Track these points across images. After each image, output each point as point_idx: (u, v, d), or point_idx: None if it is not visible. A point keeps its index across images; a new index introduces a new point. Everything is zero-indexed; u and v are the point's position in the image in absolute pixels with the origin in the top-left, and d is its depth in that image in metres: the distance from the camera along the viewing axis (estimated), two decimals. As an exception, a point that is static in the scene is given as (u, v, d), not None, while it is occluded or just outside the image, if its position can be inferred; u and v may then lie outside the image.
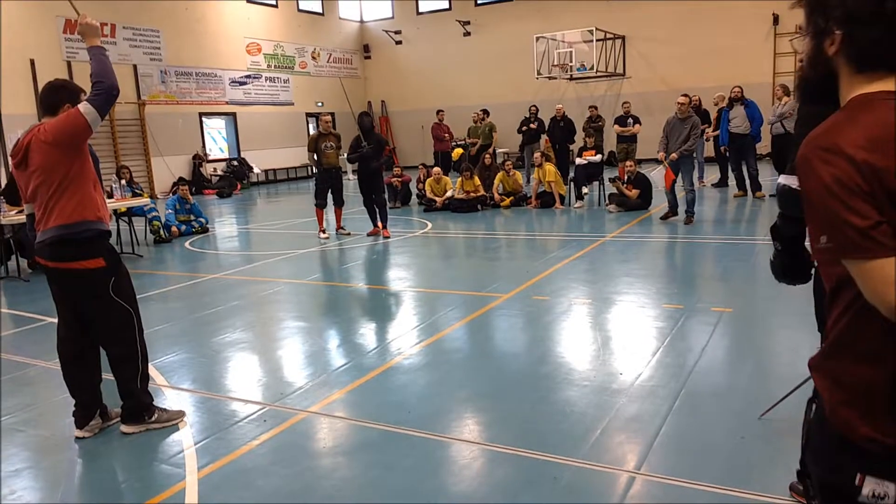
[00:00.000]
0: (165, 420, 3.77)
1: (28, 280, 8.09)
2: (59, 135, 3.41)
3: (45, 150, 3.41)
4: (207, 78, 20.01)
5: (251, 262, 8.74)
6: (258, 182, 21.45)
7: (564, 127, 14.86)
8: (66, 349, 3.74)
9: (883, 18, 1.20)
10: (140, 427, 3.73)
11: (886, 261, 1.14)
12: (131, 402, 3.74)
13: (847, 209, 1.16)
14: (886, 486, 1.24)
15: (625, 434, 3.40)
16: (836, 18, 1.26)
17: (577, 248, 8.22)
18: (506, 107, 20.58)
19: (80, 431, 3.69)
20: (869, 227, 1.15)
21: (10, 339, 5.80)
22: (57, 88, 3.62)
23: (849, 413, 1.27)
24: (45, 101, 3.59)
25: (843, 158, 1.17)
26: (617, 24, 20.55)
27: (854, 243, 1.16)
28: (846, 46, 1.25)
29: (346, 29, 25.39)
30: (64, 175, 3.43)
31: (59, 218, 3.44)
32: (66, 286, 3.61)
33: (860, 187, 1.15)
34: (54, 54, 16.13)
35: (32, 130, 3.48)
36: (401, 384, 4.29)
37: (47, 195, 3.45)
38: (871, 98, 1.24)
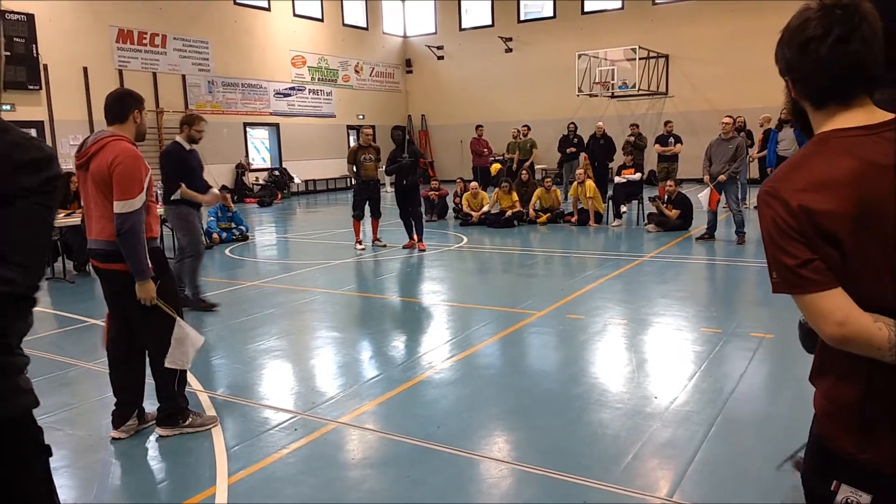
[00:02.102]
0: (199, 425, 3.84)
1: (73, 282, 8.30)
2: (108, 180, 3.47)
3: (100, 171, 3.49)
4: (253, 89, 20.43)
5: (288, 271, 8.84)
6: (298, 192, 21.76)
7: (604, 145, 14.76)
8: (116, 349, 3.84)
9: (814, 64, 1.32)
10: (174, 430, 3.80)
11: (817, 295, 1.27)
12: (167, 405, 3.81)
13: (780, 249, 1.31)
14: (860, 496, 1.34)
15: (658, 459, 3.33)
16: (781, 69, 1.42)
17: (614, 268, 8.12)
18: (545, 123, 20.56)
19: (115, 431, 3.78)
20: (797, 266, 1.28)
21: (53, 338, 5.95)
22: (123, 97, 3.71)
23: (830, 425, 1.39)
24: (114, 110, 3.68)
25: (779, 202, 1.30)
26: (660, 43, 20.42)
27: (788, 280, 1.31)
28: (798, 90, 1.40)
29: (389, 43, 25.70)
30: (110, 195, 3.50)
31: (105, 231, 3.53)
32: (114, 287, 3.70)
33: (792, 228, 1.28)
34: (106, 63, 16.65)
35: (101, 140, 3.56)
36: (431, 398, 4.27)
37: (97, 206, 3.56)
38: (826, 137, 1.34)
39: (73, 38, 15.82)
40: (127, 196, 3.41)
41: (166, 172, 6.47)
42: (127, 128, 3.67)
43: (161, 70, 17.88)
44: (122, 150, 3.49)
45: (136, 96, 3.75)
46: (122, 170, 3.43)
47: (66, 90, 15.73)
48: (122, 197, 3.41)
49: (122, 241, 3.43)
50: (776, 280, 1.34)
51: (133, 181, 3.44)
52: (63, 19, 15.60)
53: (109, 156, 3.46)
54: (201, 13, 18.78)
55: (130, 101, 3.70)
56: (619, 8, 21.70)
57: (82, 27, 16.03)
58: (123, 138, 3.58)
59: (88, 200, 3.62)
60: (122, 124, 3.65)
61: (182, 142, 6.43)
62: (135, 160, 3.49)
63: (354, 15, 24.07)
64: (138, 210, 3.45)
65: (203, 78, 18.99)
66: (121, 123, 3.65)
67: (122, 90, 3.79)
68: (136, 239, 3.44)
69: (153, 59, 17.71)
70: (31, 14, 14.84)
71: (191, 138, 6.45)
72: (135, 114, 3.67)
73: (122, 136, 3.59)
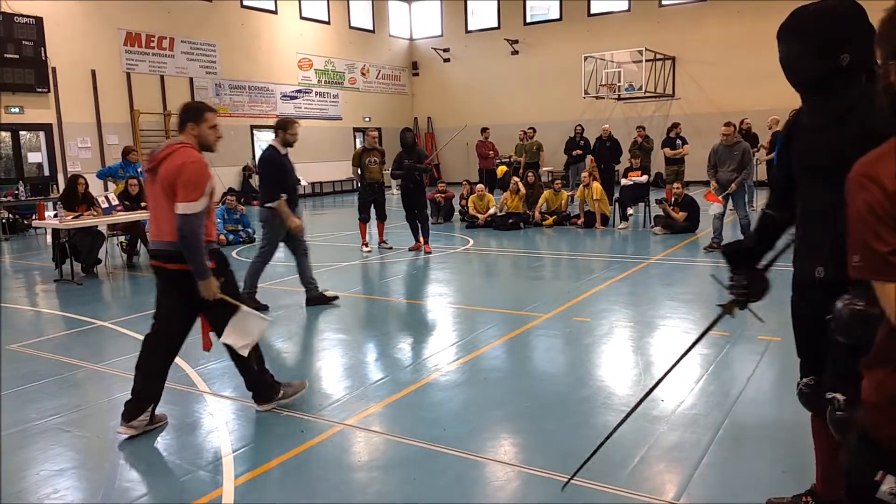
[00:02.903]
0: (291, 394, 4.16)
1: (81, 284, 8.34)
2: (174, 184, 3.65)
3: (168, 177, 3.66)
4: (260, 92, 20.49)
5: (295, 273, 8.84)
6: (305, 194, 21.79)
7: (610, 147, 14.74)
8: (154, 341, 3.92)
9: None
10: (271, 405, 4.09)
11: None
12: (256, 386, 4.09)
13: (873, 234, 1.28)
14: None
15: (665, 463, 3.32)
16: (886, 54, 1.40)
17: (620, 270, 8.11)
18: (551, 126, 20.56)
19: (123, 426, 3.77)
20: (889, 253, 1.26)
21: (61, 340, 5.98)
22: (190, 109, 3.90)
23: (878, 416, 1.39)
24: (182, 120, 3.87)
25: (877, 187, 1.28)
26: (667, 45, 20.38)
27: (875, 266, 1.29)
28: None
29: (395, 46, 25.74)
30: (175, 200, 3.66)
31: (169, 233, 3.69)
32: (181, 285, 3.78)
33: (889, 214, 1.26)
34: (114, 66, 16.74)
35: (170, 147, 3.76)
36: (437, 401, 4.27)
37: (164, 210, 3.72)
38: None
39: (82, 40, 15.90)
40: (190, 199, 3.59)
41: (265, 178, 6.53)
42: (189, 138, 3.83)
43: (168, 73, 17.96)
44: (189, 156, 3.69)
45: (196, 109, 3.91)
46: (187, 174, 3.62)
47: (74, 93, 15.81)
48: (186, 199, 3.59)
49: (182, 242, 3.60)
50: (858, 264, 1.33)
51: (197, 185, 3.62)
52: (71, 22, 15.69)
53: (177, 161, 3.66)
54: (209, 16, 18.86)
55: (190, 113, 3.86)
56: (625, 10, 21.68)
57: (90, 30, 16.11)
58: (189, 145, 3.78)
59: (154, 203, 3.80)
60: (183, 133, 3.84)
61: (277, 146, 6.47)
62: (201, 166, 3.69)
63: (361, 17, 24.12)
64: (199, 213, 3.61)
65: (210, 81, 19.06)
66: (183, 133, 3.85)
67: (187, 105, 3.97)
68: (196, 241, 3.61)
69: (161, 61, 17.78)
70: (40, 17, 14.93)
71: (286, 142, 6.48)
72: (190, 126, 3.84)
73: (188, 144, 3.78)
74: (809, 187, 2.33)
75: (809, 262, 2.31)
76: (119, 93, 16.82)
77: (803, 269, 2.38)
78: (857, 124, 2.11)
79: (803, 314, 2.48)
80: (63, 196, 9.29)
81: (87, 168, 14.88)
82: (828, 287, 2.12)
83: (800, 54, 2.18)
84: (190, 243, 3.60)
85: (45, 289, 8.33)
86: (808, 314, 2.41)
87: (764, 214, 2.63)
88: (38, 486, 3.29)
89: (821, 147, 2.24)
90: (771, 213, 2.59)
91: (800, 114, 2.45)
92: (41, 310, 7.32)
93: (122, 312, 6.89)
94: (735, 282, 2.57)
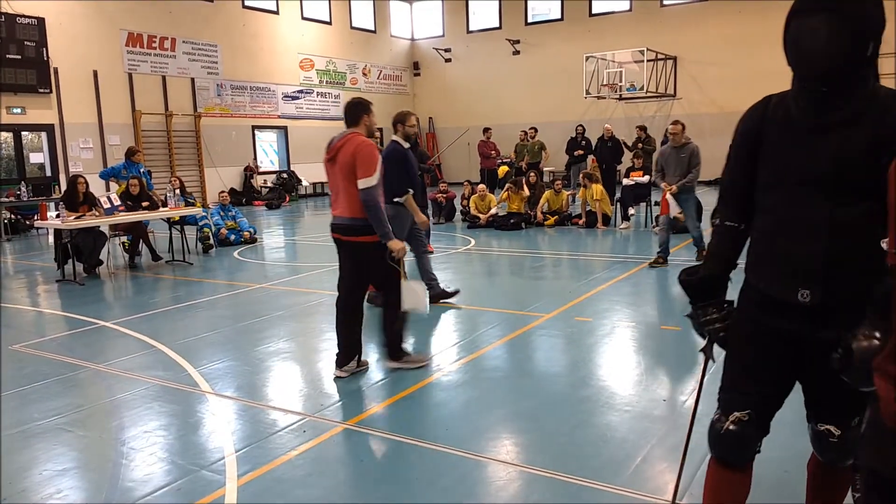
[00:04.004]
0: (414, 361, 4.78)
1: (83, 284, 8.35)
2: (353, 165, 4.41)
3: (347, 162, 4.41)
4: (261, 92, 20.50)
5: (296, 273, 8.86)
6: (306, 195, 21.82)
7: (612, 147, 14.73)
8: (343, 305, 4.70)
9: None
10: (398, 364, 4.73)
11: None
12: (392, 346, 4.73)
13: None
14: None
15: (667, 462, 3.32)
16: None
17: (622, 270, 8.11)
18: (553, 126, 20.55)
19: (338, 371, 4.65)
20: None
21: (64, 340, 5.99)
22: (356, 105, 4.64)
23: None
24: (350, 116, 4.62)
25: None
26: (668, 45, 20.38)
27: None
28: None
29: (397, 46, 25.75)
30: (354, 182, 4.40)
31: (348, 211, 4.47)
32: (355, 254, 4.59)
33: None
34: (116, 66, 16.76)
35: (346, 136, 4.51)
36: (439, 401, 4.28)
37: (344, 190, 4.47)
38: None
39: (84, 41, 15.93)
40: (367, 174, 4.36)
41: (390, 173, 6.51)
42: (360, 128, 4.59)
43: (170, 73, 17.97)
44: (361, 141, 4.47)
45: (365, 104, 4.66)
46: (362, 155, 4.38)
47: (76, 93, 15.83)
48: (364, 175, 4.36)
49: (368, 210, 4.38)
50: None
51: (371, 163, 4.38)
52: (73, 23, 15.71)
53: (352, 147, 4.43)
54: (210, 17, 18.87)
55: (361, 108, 4.62)
56: (626, 10, 21.67)
57: (92, 31, 16.14)
58: (359, 134, 4.53)
59: (335, 186, 4.55)
60: (356, 126, 4.59)
61: (400, 140, 6.43)
62: (371, 148, 4.45)
63: (362, 18, 24.13)
64: (376, 185, 4.38)
65: (212, 81, 19.08)
66: (356, 125, 4.59)
67: (355, 100, 4.70)
68: (377, 208, 4.38)
69: (162, 62, 17.80)
70: (42, 18, 14.95)
71: (406, 136, 6.46)
72: (364, 118, 4.60)
73: (358, 132, 4.55)
74: (794, 198, 1.98)
75: (789, 284, 1.99)
76: (121, 93, 16.84)
77: (780, 291, 2.03)
78: (867, 129, 1.85)
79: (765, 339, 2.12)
80: (64, 196, 9.29)
81: (89, 169, 14.91)
82: (815, 312, 1.96)
83: (831, 35, 1.81)
84: (374, 210, 4.37)
85: (48, 289, 8.34)
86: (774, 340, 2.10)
87: (727, 228, 2.22)
88: (40, 486, 3.30)
89: (821, 153, 1.92)
90: (734, 225, 2.20)
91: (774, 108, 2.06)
92: (43, 310, 7.33)
93: (123, 313, 6.90)
94: (708, 317, 2.23)
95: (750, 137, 2.10)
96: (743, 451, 2.20)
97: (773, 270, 2.04)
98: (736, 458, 2.22)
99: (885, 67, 13.15)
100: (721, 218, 2.24)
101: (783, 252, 2.00)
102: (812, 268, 1.94)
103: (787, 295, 2.00)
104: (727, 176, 2.21)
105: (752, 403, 2.15)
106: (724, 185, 2.24)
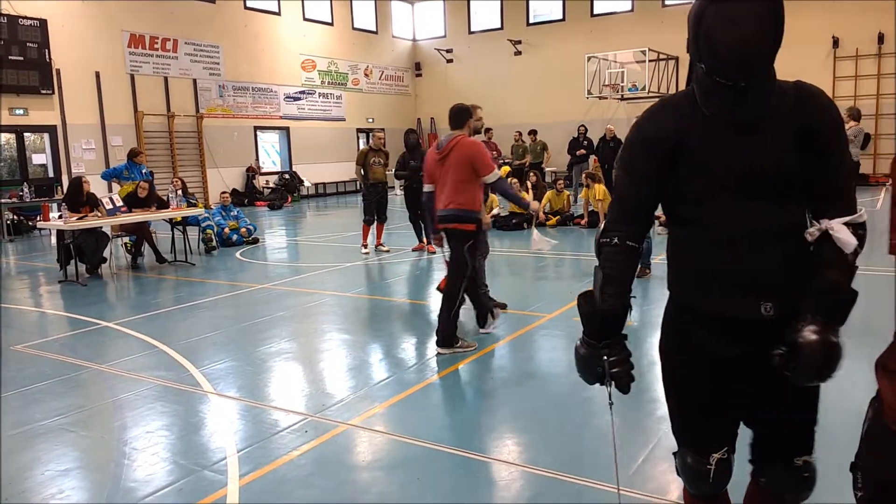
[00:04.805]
0: (466, 346, 5.19)
1: (85, 285, 8.36)
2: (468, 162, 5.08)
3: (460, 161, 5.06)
4: (263, 93, 20.52)
5: (298, 274, 8.87)
6: (308, 195, 21.83)
7: (614, 147, 14.74)
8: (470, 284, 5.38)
9: None
10: (450, 350, 5.14)
11: None
12: (445, 332, 5.15)
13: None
14: None
15: (668, 462, 3.31)
16: None
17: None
18: (555, 126, 20.55)
19: (486, 328, 5.62)
20: None
21: (66, 341, 6.00)
22: (461, 112, 5.27)
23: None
24: (456, 120, 5.24)
25: None
26: (670, 45, 20.35)
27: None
28: None
29: (398, 47, 25.76)
30: (463, 178, 5.06)
31: (456, 203, 5.07)
32: (460, 238, 5.14)
33: None
34: (118, 67, 16.78)
35: (453, 140, 5.12)
36: (441, 401, 4.28)
37: (452, 185, 5.07)
38: None
39: (86, 42, 15.95)
40: (489, 171, 5.10)
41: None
42: (465, 130, 5.23)
43: (172, 74, 18.00)
44: (471, 143, 5.16)
45: (469, 109, 5.28)
46: (478, 156, 5.08)
47: (78, 94, 15.85)
48: (486, 172, 5.08)
49: (503, 196, 5.56)
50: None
51: (487, 161, 5.12)
52: (75, 24, 15.73)
53: (464, 149, 5.08)
54: (212, 18, 18.89)
55: (465, 113, 5.26)
56: (628, 10, 21.66)
57: (94, 32, 16.16)
58: (465, 136, 5.18)
59: (444, 181, 5.13)
60: (460, 129, 5.21)
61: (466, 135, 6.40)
62: (482, 147, 5.19)
63: (364, 19, 24.14)
64: (500, 176, 5.20)
65: (214, 82, 19.10)
66: (460, 128, 5.21)
67: (460, 107, 5.30)
68: (508, 190, 5.45)
69: (164, 63, 17.83)
70: (44, 19, 14.97)
71: (474, 130, 6.43)
72: (469, 122, 5.24)
73: (464, 134, 5.18)
74: (734, 205, 1.77)
75: (749, 298, 1.80)
76: (123, 94, 16.86)
77: (738, 308, 1.82)
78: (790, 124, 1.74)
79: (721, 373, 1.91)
80: (67, 197, 9.31)
81: (92, 169, 14.93)
82: (774, 326, 1.80)
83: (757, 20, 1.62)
84: (507, 194, 5.49)
85: (50, 290, 8.35)
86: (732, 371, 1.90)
87: (629, 249, 1.92)
88: (42, 486, 3.30)
89: (754, 153, 1.75)
90: (635, 246, 1.93)
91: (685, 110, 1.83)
92: (46, 310, 7.34)
93: (126, 313, 6.91)
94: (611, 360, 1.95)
95: (661, 145, 1.82)
96: (726, 483, 2.09)
97: (723, 287, 1.82)
98: (720, 491, 2.12)
99: (885, 67, 13.19)
100: (621, 237, 1.91)
101: (733, 265, 1.79)
102: (771, 279, 1.78)
103: (748, 310, 1.80)
104: (630, 190, 1.91)
105: (727, 439, 2.03)
106: (626, 200, 1.93)
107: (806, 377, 1.74)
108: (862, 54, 18.02)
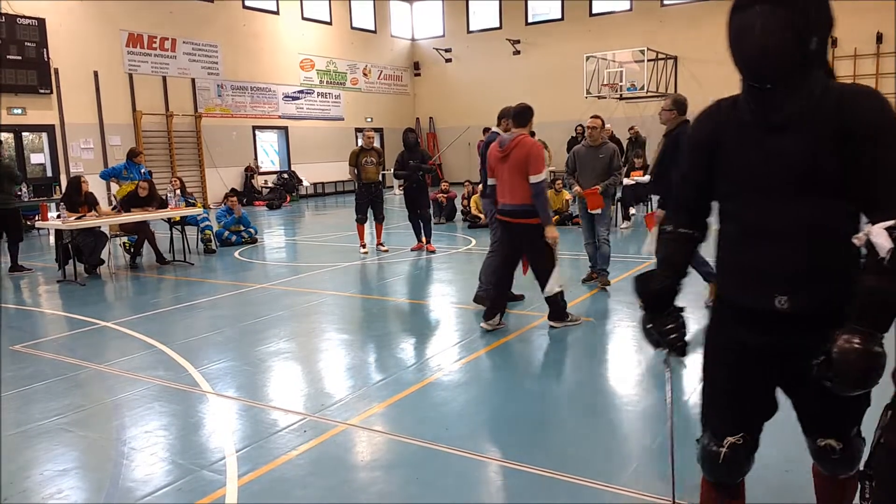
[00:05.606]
0: (574, 321, 5.70)
1: (84, 284, 8.35)
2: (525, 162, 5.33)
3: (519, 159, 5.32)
4: (262, 92, 20.51)
5: (297, 274, 8.86)
6: (307, 195, 21.82)
7: (613, 147, 14.75)
8: (500, 271, 5.80)
9: None
10: (562, 323, 5.63)
11: None
12: (554, 306, 5.59)
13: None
14: None
15: (668, 462, 3.31)
16: None
17: (623, 270, 8.10)
18: (553, 125, 20.54)
19: (484, 323, 5.68)
20: None
21: (65, 341, 5.99)
22: (524, 111, 5.55)
23: None
24: (519, 119, 5.53)
25: None
26: (669, 45, 20.38)
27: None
28: None
29: (397, 46, 25.76)
30: (524, 175, 5.30)
31: (518, 199, 5.38)
32: (518, 234, 5.49)
33: None
34: (117, 67, 16.77)
35: (516, 139, 5.40)
36: (440, 401, 4.28)
37: (513, 182, 5.37)
38: None
39: (84, 42, 15.93)
40: (537, 172, 5.28)
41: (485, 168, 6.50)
42: (526, 129, 5.50)
43: (171, 74, 17.98)
44: (531, 143, 5.41)
45: (530, 108, 5.59)
46: (534, 156, 5.31)
47: (76, 94, 15.84)
48: (536, 172, 5.28)
49: (536, 199, 5.30)
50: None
51: (541, 162, 5.31)
52: (74, 23, 15.72)
53: (525, 148, 5.34)
54: (211, 17, 18.88)
55: (528, 112, 5.55)
56: (627, 9, 21.67)
57: (93, 31, 16.14)
58: (527, 136, 5.45)
59: (504, 178, 5.46)
60: (524, 127, 5.49)
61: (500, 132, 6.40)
62: (540, 149, 5.42)
63: (362, 18, 24.13)
64: (545, 180, 5.37)
65: (212, 81, 19.09)
66: (523, 127, 5.49)
67: (524, 106, 5.59)
68: (544, 198, 5.38)
69: (163, 62, 17.81)
70: (42, 18, 14.96)
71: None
72: (531, 121, 5.56)
73: (526, 134, 5.46)
74: (760, 202, 1.88)
75: (765, 290, 1.89)
76: (121, 94, 16.85)
77: (755, 300, 1.93)
78: (825, 125, 1.78)
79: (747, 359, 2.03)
80: (65, 197, 9.30)
81: (90, 169, 14.92)
82: (792, 319, 1.88)
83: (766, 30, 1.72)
84: (541, 200, 5.33)
85: (49, 289, 8.34)
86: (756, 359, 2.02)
87: (680, 236, 2.16)
88: (41, 486, 3.30)
89: (782, 153, 1.83)
90: (689, 232, 2.16)
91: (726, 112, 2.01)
92: (44, 310, 7.33)
93: (125, 313, 6.90)
94: (665, 329, 2.19)
95: (705, 143, 2.03)
96: (739, 474, 2.18)
97: (745, 279, 1.95)
98: (732, 480, 2.19)
99: (885, 67, 13.20)
100: (674, 225, 2.17)
101: (756, 259, 1.90)
102: (790, 273, 1.85)
103: (763, 303, 1.90)
104: (681, 182, 2.17)
105: (745, 426, 2.11)
106: (678, 192, 2.19)
107: (844, 387, 1.72)
108: (860, 54, 18.05)
